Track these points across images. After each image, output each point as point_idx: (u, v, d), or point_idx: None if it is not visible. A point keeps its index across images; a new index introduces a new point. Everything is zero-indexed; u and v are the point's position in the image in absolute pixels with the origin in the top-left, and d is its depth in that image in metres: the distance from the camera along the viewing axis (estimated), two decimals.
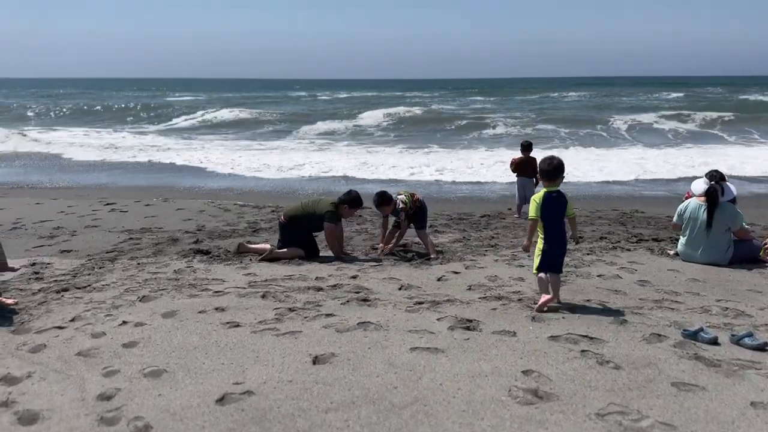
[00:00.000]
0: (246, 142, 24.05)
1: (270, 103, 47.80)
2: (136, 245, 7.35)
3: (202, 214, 9.53)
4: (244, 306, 4.93)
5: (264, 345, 4.07)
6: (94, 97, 58.30)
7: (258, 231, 8.23)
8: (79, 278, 5.83)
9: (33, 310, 4.86)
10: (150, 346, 4.09)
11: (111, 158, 18.89)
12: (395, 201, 6.79)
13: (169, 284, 5.58)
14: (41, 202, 10.79)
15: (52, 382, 3.51)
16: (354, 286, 5.50)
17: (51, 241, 7.59)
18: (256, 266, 6.28)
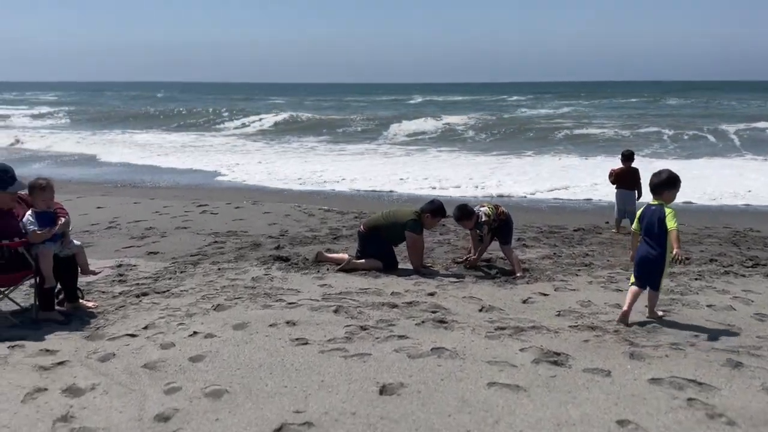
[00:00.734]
0: (337, 145, 24.26)
1: (360, 106, 48.31)
2: (220, 249, 7.38)
3: (287, 219, 9.52)
4: (315, 321, 4.73)
5: (330, 368, 3.83)
6: (188, 99, 61.30)
7: (339, 238, 8.08)
8: (160, 282, 5.87)
9: (110, 314, 4.89)
10: (216, 361, 3.96)
11: (207, 159, 19.57)
12: (477, 214, 6.40)
13: (245, 292, 5.50)
14: (139, 202, 11.21)
15: (113, 397, 3.44)
16: (431, 304, 5.18)
17: (140, 242, 7.78)
18: (333, 277, 6.10)
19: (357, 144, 24.38)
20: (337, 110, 43.30)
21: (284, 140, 26.29)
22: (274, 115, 35.43)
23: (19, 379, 3.63)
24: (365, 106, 50.69)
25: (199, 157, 19.81)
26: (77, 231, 8.23)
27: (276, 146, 23.95)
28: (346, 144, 24.40)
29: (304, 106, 50.74)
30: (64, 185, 12.95)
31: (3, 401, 3.35)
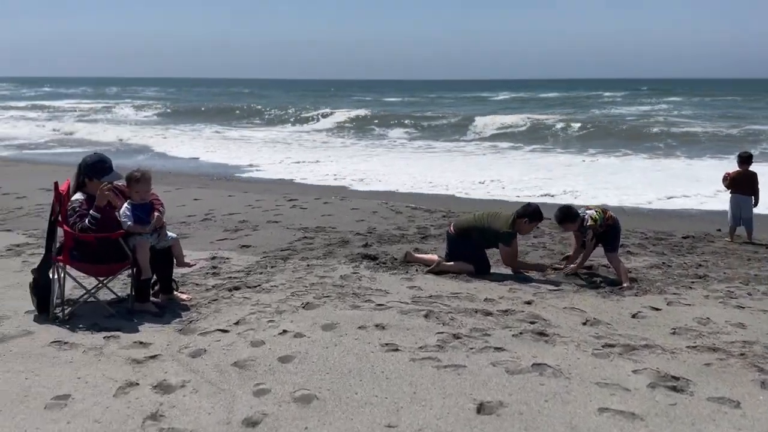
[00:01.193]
0: (424, 141, 24.02)
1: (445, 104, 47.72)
2: (309, 245, 7.34)
3: (375, 216, 9.40)
4: (405, 325, 4.53)
5: (423, 379, 3.61)
6: (273, 95, 62.84)
7: (427, 238, 7.85)
8: (252, 276, 5.87)
9: (203, 308, 4.90)
10: (305, 363, 3.84)
11: (292, 155, 19.88)
12: (582, 217, 5.97)
13: (334, 291, 5.38)
14: (233, 195, 11.44)
15: (203, 396, 3.37)
16: (529, 314, 4.84)
17: (234, 235, 7.87)
18: (422, 278, 5.88)
19: (444, 141, 24.05)
20: (423, 106, 43.11)
21: (372, 136, 26.33)
22: (363, 110, 35.58)
23: (113, 372, 3.65)
24: (452, 102, 50.15)
25: (289, 154, 20.14)
26: (175, 222, 8.47)
27: (364, 142, 24.02)
28: (433, 141, 24.12)
29: (388, 102, 50.83)
30: (164, 176, 13.48)
31: (96, 394, 3.36)
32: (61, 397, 3.30)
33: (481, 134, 26.04)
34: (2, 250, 6.67)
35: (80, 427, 3.00)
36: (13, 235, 7.49)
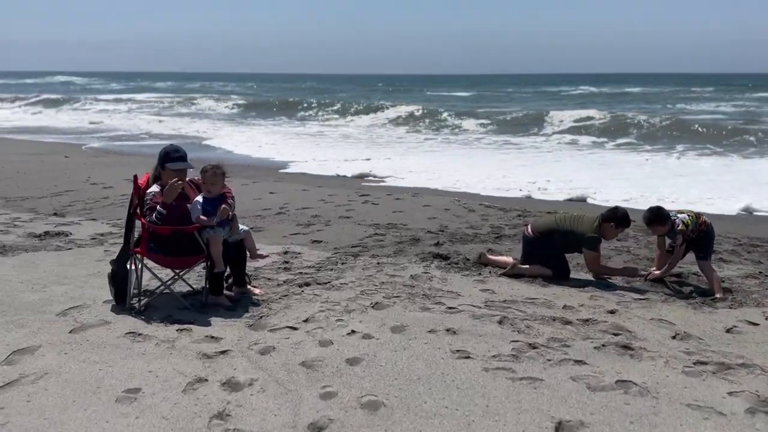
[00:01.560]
0: (500, 136, 23.49)
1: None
2: (380, 242, 7.25)
3: (447, 213, 9.19)
4: (478, 331, 4.33)
5: (496, 391, 3.42)
6: (334, 90, 63.15)
7: (501, 238, 7.58)
8: (322, 273, 5.83)
9: (273, 303, 4.89)
10: (373, 366, 3.72)
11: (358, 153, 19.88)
12: (673, 220, 5.56)
13: (404, 291, 5.25)
14: (307, 189, 11.51)
15: (270, 396, 3.32)
16: (612, 324, 4.53)
17: (306, 230, 7.89)
18: (496, 281, 5.65)
19: (522, 137, 23.41)
20: (500, 101, 42.26)
21: (447, 131, 26.00)
22: (436, 105, 35.22)
23: (183, 366, 3.67)
24: (529, 96, 48.94)
25: (362, 150, 20.17)
26: (250, 216, 8.59)
27: (440, 137, 23.76)
28: (511, 136, 23.54)
29: (462, 97, 50.17)
30: (243, 170, 13.77)
31: (166, 389, 3.37)
32: (131, 391, 3.33)
33: (560, 130, 25.09)
34: (86, 239, 6.94)
35: (148, 423, 3.00)
36: (98, 224, 7.80)
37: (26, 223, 7.67)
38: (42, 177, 11.77)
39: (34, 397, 3.20)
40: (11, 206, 8.84)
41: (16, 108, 38.96)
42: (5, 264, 5.76)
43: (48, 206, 8.93)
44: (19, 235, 6.99)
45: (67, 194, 10.00)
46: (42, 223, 7.70)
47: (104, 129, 25.88)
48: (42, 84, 75.31)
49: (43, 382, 3.37)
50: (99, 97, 45.90)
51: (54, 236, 7.00)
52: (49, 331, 4.15)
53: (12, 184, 10.80)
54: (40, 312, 4.51)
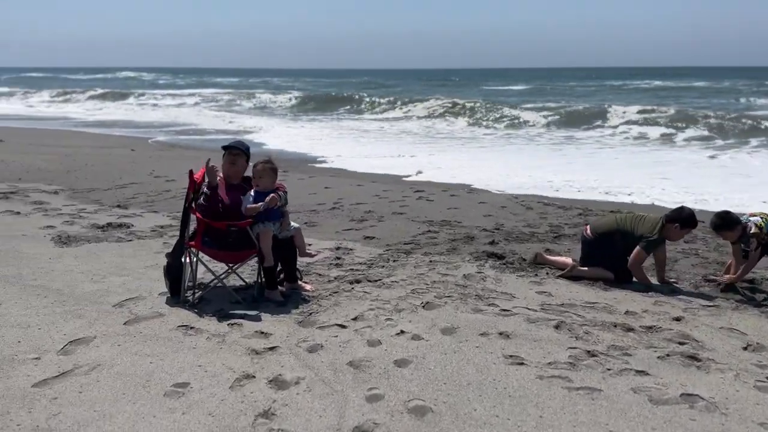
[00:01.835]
0: (566, 131, 22.84)
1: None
2: (433, 239, 7.12)
3: (503, 211, 8.97)
4: (533, 336, 4.16)
5: (551, 401, 3.26)
6: (390, 84, 62.78)
7: (560, 237, 7.32)
8: (373, 270, 5.76)
9: (323, 300, 4.85)
10: (422, 369, 3.62)
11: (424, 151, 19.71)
12: (745, 224, 5.20)
13: (456, 291, 5.12)
14: (362, 184, 11.50)
15: (316, 396, 3.27)
16: (677, 332, 4.27)
17: (359, 225, 7.85)
18: (553, 283, 5.43)
19: (585, 130, 22.69)
20: (562, 95, 41.16)
21: (507, 126, 25.51)
22: (496, 99, 34.58)
23: (232, 362, 3.67)
24: (590, 90, 47.48)
25: (419, 147, 20.01)
26: (305, 210, 8.63)
27: (500, 133, 23.35)
28: (574, 131, 22.86)
29: (521, 91, 49.15)
30: (300, 164, 13.91)
31: (214, 385, 3.37)
32: (180, 385, 3.34)
33: (623, 123, 24.15)
34: (147, 231, 7.11)
35: (194, 419, 3.00)
36: (159, 217, 7.99)
37: (91, 215, 7.93)
38: (108, 169, 12.20)
39: (86, 388, 3.26)
40: (78, 198, 9.18)
41: (87, 103, 40.71)
42: (68, 254, 5.95)
43: (112, 198, 9.23)
44: (83, 226, 7.23)
45: (131, 187, 10.32)
46: (105, 215, 7.95)
47: (170, 123, 26.70)
48: (110, 79, 78.47)
49: (96, 374, 3.43)
50: (165, 92, 47.47)
51: (116, 228, 7.20)
52: (105, 322, 4.24)
53: (80, 176, 11.23)
54: (98, 303, 4.62)
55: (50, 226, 7.11)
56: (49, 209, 8.15)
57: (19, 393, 3.16)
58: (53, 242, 6.40)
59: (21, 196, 8.97)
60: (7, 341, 3.82)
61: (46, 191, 9.59)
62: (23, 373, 3.39)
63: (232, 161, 4.91)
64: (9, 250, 5.98)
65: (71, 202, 8.83)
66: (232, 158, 4.91)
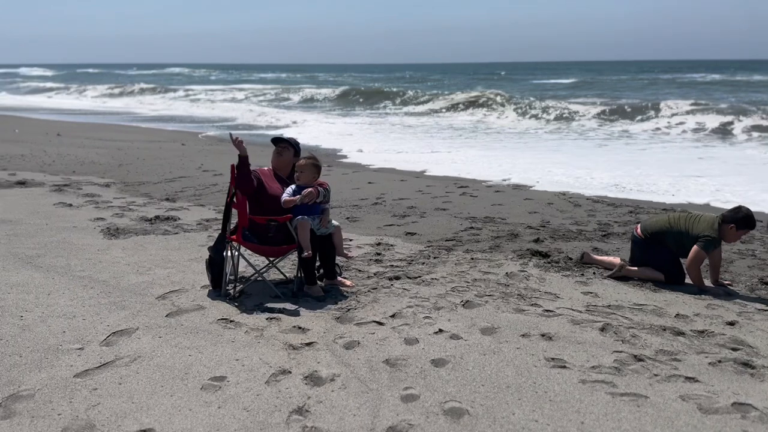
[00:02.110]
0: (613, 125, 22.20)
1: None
2: (475, 236, 7.01)
3: (550, 207, 8.77)
4: (577, 338, 4.02)
5: (593, 406, 3.13)
6: (439, 78, 61.97)
7: (609, 236, 7.09)
8: (413, 266, 5.70)
9: (362, 296, 4.82)
10: (459, 369, 3.55)
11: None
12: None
13: (497, 290, 5.01)
14: (405, 180, 11.45)
15: (350, 394, 3.23)
16: (731, 338, 4.06)
17: (401, 221, 7.80)
18: (600, 284, 5.26)
19: (640, 123, 22.00)
20: (616, 88, 40.04)
21: (558, 121, 24.97)
22: (544, 93, 33.86)
23: (269, 356, 3.67)
24: (642, 84, 45.98)
25: (458, 142, 19.79)
26: (347, 205, 8.64)
27: (550, 127, 22.88)
28: (629, 125, 22.19)
29: (570, 84, 48.01)
30: (340, 159, 13.94)
31: (250, 379, 3.37)
32: (217, 379, 3.36)
33: (681, 119, 23.23)
34: (193, 224, 7.24)
35: (229, 413, 3.01)
36: (205, 210, 8.12)
37: (140, 207, 8.13)
38: (159, 163, 12.50)
39: (125, 380, 3.31)
40: (129, 191, 9.43)
41: (138, 97, 41.90)
42: (116, 246, 6.10)
43: (161, 191, 9.44)
44: (132, 218, 7.41)
45: (180, 180, 10.53)
46: (154, 208, 8.13)
47: (220, 118, 27.21)
48: (161, 75, 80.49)
49: (136, 366, 3.49)
50: (215, 87, 48.44)
51: (163, 221, 7.35)
52: (148, 314, 4.31)
53: (132, 170, 11.54)
54: (142, 294, 4.71)
55: (100, 219, 7.31)
56: (100, 202, 8.39)
57: (62, 383, 3.24)
58: (102, 234, 6.57)
59: (74, 189, 9.27)
60: (53, 331, 3.93)
61: (98, 184, 9.88)
62: (66, 363, 3.48)
63: (278, 152, 5.05)
64: (60, 242, 6.17)
65: (122, 195, 9.07)
66: (279, 150, 5.05)
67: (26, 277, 4.99)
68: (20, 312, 4.23)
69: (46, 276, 5.05)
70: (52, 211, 7.69)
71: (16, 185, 9.41)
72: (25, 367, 3.41)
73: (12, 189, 9.09)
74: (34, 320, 4.10)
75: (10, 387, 3.16)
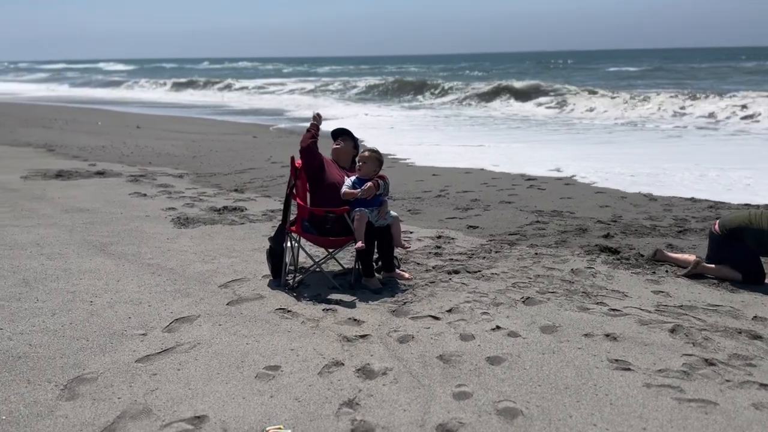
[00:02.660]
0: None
1: None
2: (541, 230, 6.80)
3: (623, 201, 8.40)
4: (644, 340, 3.82)
5: (658, 412, 2.96)
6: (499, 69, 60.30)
7: (685, 232, 6.71)
8: (473, 260, 5.59)
9: (419, 289, 4.77)
10: (515, 368, 3.44)
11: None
12: None
13: (561, 287, 4.84)
14: (470, 172, 11.28)
15: (402, 389, 3.19)
16: None
17: (463, 214, 7.68)
18: (672, 282, 4.98)
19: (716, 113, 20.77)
20: (691, 78, 37.94)
21: (637, 114, 23.92)
22: (619, 84, 32.39)
23: (323, 347, 3.68)
24: (726, 72, 43.33)
25: (532, 134, 19.29)
26: (410, 197, 8.59)
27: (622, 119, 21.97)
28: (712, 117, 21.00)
29: (642, 73, 45.84)
30: (400, 158, 13.87)
31: (303, 369, 3.39)
32: (271, 368, 3.40)
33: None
34: (258, 215, 7.39)
35: (281, 403, 3.03)
36: (270, 201, 8.28)
37: (210, 198, 8.38)
38: (230, 155, 12.86)
39: (184, 366, 3.40)
40: (200, 182, 9.74)
41: (209, 91, 43.20)
42: (185, 235, 6.31)
43: (231, 182, 9.70)
44: (201, 208, 7.65)
45: (249, 172, 10.79)
46: (223, 198, 8.36)
47: (291, 109, 27.75)
48: (230, 69, 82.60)
49: (195, 352, 3.58)
50: (285, 81, 49.33)
51: (231, 211, 7.55)
52: (210, 302, 4.42)
53: (204, 162, 11.92)
54: (205, 283, 4.84)
55: (171, 208, 7.59)
56: (172, 192, 8.71)
57: (124, 367, 3.36)
58: (172, 223, 6.81)
59: (149, 179, 9.67)
60: (120, 316, 4.10)
61: (172, 175, 10.27)
62: (130, 348, 3.61)
63: (338, 143, 5.17)
64: (132, 230, 6.44)
65: (193, 185, 9.38)
66: (338, 141, 5.18)
67: (98, 264, 5.23)
68: (90, 297, 4.44)
69: (117, 263, 5.28)
70: (127, 200, 8.04)
71: (96, 175, 9.90)
72: (91, 351, 3.56)
73: (91, 179, 9.58)
74: (102, 305, 4.28)
75: (75, 369, 3.32)
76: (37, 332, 3.80)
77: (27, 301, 4.33)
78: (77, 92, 44.85)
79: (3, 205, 7.42)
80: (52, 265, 5.16)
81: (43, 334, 3.78)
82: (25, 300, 4.34)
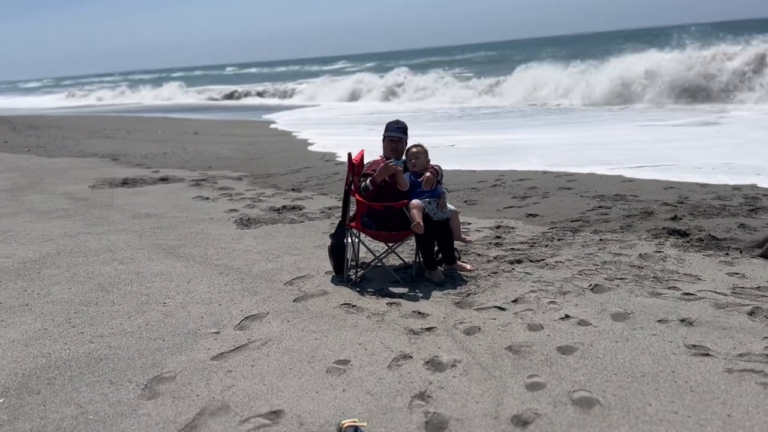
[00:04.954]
0: None
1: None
2: (604, 215, 6.63)
3: (688, 182, 8.09)
4: (721, 324, 3.67)
5: (742, 398, 2.84)
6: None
7: (757, 211, 6.41)
8: (536, 249, 5.50)
9: (482, 280, 4.73)
10: (588, 357, 3.37)
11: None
12: None
13: (630, 273, 4.70)
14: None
15: (473, 381, 3.18)
16: None
17: (521, 203, 7.56)
18: (748, 264, 4.76)
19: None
20: None
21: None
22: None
23: (390, 341, 3.70)
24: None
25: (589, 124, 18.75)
26: (465, 188, 8.52)
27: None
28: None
29: None
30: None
31: (373, 363, 3.42)
32: (341, 362, 3.44)
33: None
34: (316, 212, 7.48)
35: (353, 397, 3.06)
36: (328, 199, 8.37)
37: (269, 198, 8.53)
38: (285, 156, 13.06)
39: (257, 362, 3.48)
40: (258, 183, 9.93)
41: (255, 94, 43.66)
42: (248, 235, 6.45)
43: (288, 182, 9.85)
44: (261, 209, 7.80)
45: (305, 171, 10.93)
46: (281, 198, 8.50)
47: (347, 108, 27.96)
48: (270, 73, 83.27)
49: (267, 349, 3.66)
50: (335, 78, 49.55)
51: (290, 210, 7.67)
52: (277, 299, 4.51)
53: (261, 163, 12.14)
54: (271, 281, 4.94)
55: (233, 210, 7.77)
56: (233, 194, 8.92)
57: (200, 365, 3.47)
58: (236, 224, 6.98)
59: (210, 183, 9.93)
60: (193, 316, 4.23)
61: (231, 177, 10.51)
62: (204, 346, 3.72)
63: (394, 144, 5.07)
64: (198, 233, 6.63)
65: (252, 187, 9.58)
66: (395, 142, 5.07)
67: (168, 267, 5.41)
68: (163, 299, 4.60)
69: (186, 265, 5.45)
70: (191, 204, 8.28)
71: (160, 181, 10.24)
72: (168, 350, 3.69)
73: (156, 185, 9.91)
74: (175, 306, 4.43)
75: (154, 369, 3.44)
76: (115, 334, 3.96)
77: (104, 305, 4.52)
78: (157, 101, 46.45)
79: (75, 214, 7.77)
80: (124, 269, 5.37)
81: (121, 336, 3.94)
82: (102, 304, 4.53)
